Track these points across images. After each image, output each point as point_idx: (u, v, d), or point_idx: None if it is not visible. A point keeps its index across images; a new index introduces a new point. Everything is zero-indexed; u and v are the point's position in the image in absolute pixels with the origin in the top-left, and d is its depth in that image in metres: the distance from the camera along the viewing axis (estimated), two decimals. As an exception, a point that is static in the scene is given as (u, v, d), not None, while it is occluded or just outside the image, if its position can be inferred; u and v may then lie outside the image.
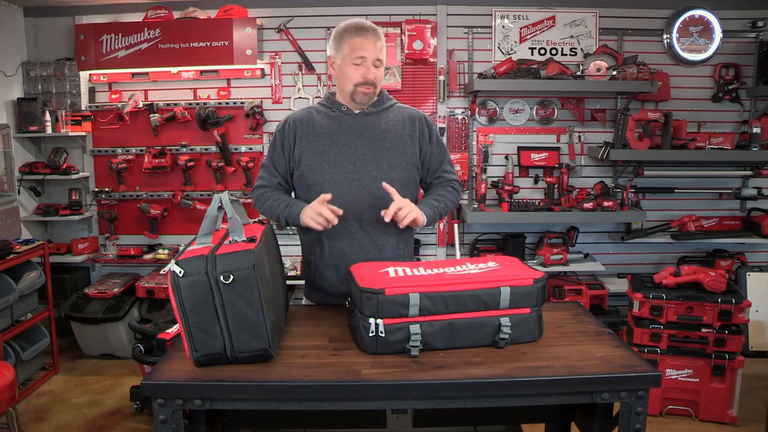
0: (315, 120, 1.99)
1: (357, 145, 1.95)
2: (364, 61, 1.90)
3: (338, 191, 1.91)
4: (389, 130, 1.98)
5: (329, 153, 1.94)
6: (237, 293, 1.41)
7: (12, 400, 2.39)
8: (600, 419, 1.61)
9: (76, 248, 4.09)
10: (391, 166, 1.95)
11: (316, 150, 1.95)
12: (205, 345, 1.43)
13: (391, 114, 2.01)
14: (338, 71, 1.96)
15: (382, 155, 1.95)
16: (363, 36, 1.91)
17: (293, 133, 1.99)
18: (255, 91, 4.10)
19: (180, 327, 1.43)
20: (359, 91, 1.92)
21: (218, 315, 1.42)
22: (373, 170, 1.93)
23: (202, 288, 1.40)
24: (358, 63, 1.90)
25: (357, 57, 1.90)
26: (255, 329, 1.44)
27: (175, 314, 1.42)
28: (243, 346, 1.45)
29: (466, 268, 1.68)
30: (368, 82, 1.91)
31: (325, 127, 1.97)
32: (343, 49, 1.93)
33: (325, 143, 1.95)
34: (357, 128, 1.97)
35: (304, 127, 1.98)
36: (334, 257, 1.97)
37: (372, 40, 1.91)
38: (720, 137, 3.87)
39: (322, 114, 2.00)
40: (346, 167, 1.93)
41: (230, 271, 1.40)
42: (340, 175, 1.93)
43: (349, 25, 1.96)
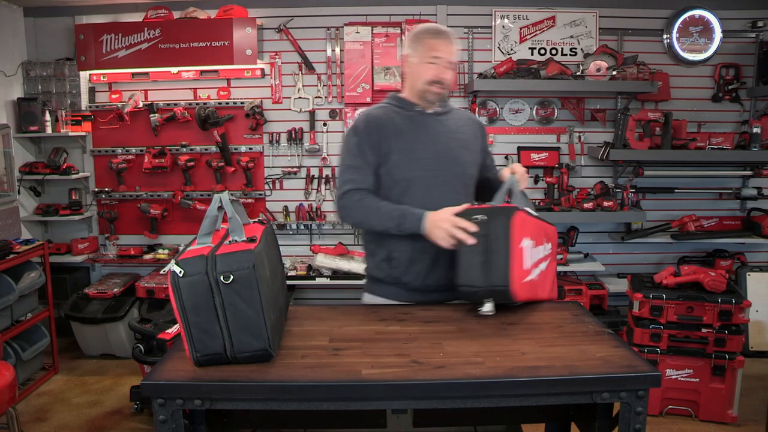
0: (393, 118, 2.01)
1: (438, 143, 2.01)
2: (438, 61, 1.95)
3: (425, 186, 1.97)
4: (460, 130, 2.07)
5: (416, 150, 1.98)
6: (237, 293, 1.41)
7: (12, 400, 2.39)
8: (600, 419, 1.61)
9: (76, 248, 4.09)
10: (468, 163, 2.06)
11: (403, 147, 1.98)
12: (205, 345, 1.43)
13: (455, 115, 2.11)
14: (412, 69, 2.02)
15: (460, 153, 2.05)
16: (440, 38, 1.97)
17: (376, 130, 1.99)
18: (255, 91, 4.10)
19: (180, 327, 1.43)
20: (431, 89, 1.98)
21: (218, 315, 1.42)
22: (454, 167, 2.02)
23: (202, 288, 1.40)
24: (433, 62, 1.96)
25: (432, 56, 1.96)
26: (255, 329, 1.44)
27: (175, 314, 1.42)
28: (243, 346, 1.45)
29: None
30: (440, 81, 1.97)
31: (405, 125, 2.00)
32: (419, 49, 1.99)
33: (409, 140, 1.99)
34: (435, 127, 2.03)
35: (386, 124, 2.00)
36: (417, 251, 1.98)
37: (447, 42, 1.98)
38: (720, 137, 3.87)
39: (399, 113, 2.02)
40: (431, 164, 1.99)
41: (230, 271, 1.40)
42: (428, 171, 1.98)
43: (428, 27, 2.03)
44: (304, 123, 4.10)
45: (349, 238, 4.18)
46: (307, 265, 4.04)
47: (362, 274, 3.85)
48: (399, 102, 2.05)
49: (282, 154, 4.14)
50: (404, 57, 2.05)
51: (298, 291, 4.22)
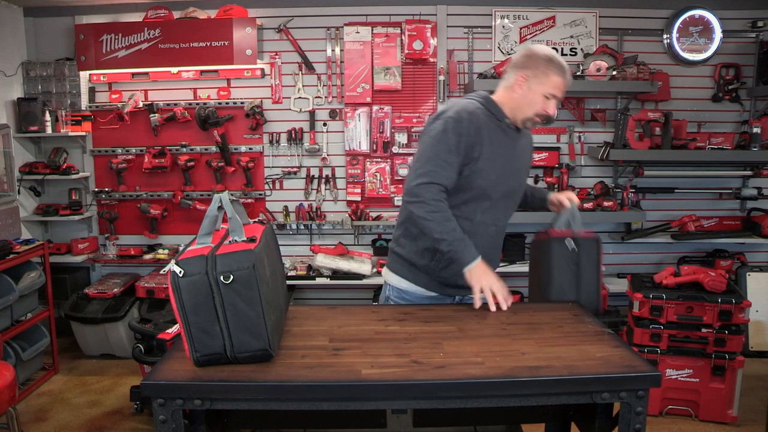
0: (489, 123, 1.99)
1: (514, 160, 2.05)
2: (555, 99, 1.98)
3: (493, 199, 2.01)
4: (526, 149, 2.15)
5: (497, 162, 1.99)
6: (237, 293, 1.41)
7: (12, 400, 2.39)
8: (600, 419, 1.61)
9: (76, 248, 4.09)
10: (523, 182, 2.17)
11: (490, 156, 1.97)
12: (205, 345, 1.43)
13: (524, 134, 2.13)
14: (525, 93, 1.98)
15: (522, 173, 2.15)
16: (565, 77, 1.98)
17: (476, 132, 1.95)
18: (255, 91, 4.10)
19: (180, 327, 1.43)
20: (534, 119, 2.01)
21: (218, 315, 1.42)
22: (517, 187, 2.12)
23: (202, 288, 1.40)
24: (549, 98, 1.97)
25: (552, 93, 1.97)
26: (255, 329, 1.44)
27: (175, 314, 1.42)
28: (243, 346, 1.45)
29: None
30: (547, 117, 2.00)
31: (496, 135, 1.99)
32: (543, 79, 1.95)
33: (495, 152, 1.98)
34: (516, 145, 2.06)
35: (484, 128, 1.97)
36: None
37: (568, 81, 2.00)
38: (720, 137, 3.87)
39: (491, 120, 2.00)
40: (505, 180, 2.03)
41: (230, 271, 1.40)
42: (501, 186, 2.02)
43: (558, 60, 1.98)
44: (304, 123, 4.10)
45: (349, 238, 4.18)
46: (307, 265, 4.04)
47: (362, 274, 3.89)
48: (493, 108, 2.01)
49: (282, 154, 4.14)
50: (520, 75, 1.97)
51: (298, 291, 4.22)
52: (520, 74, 1.97)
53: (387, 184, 4.11)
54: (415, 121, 4.05)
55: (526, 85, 1.97)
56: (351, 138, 4.07)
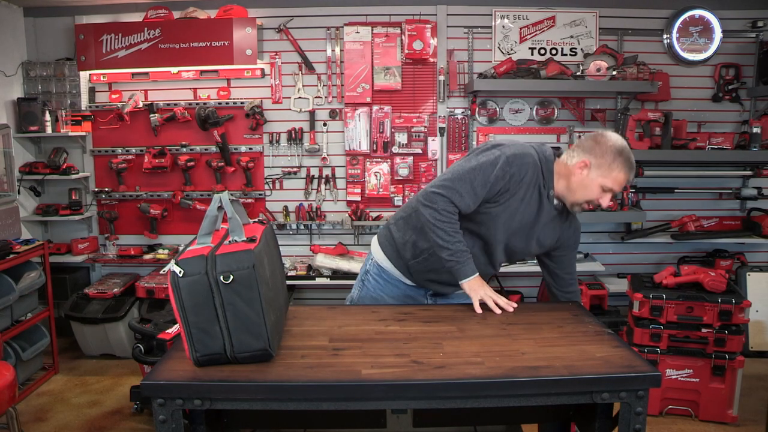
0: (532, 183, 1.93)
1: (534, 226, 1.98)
2: (612, 192, 1.91)
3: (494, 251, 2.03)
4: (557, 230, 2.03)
5: (515, 220, 1.96)
6: (237, 293, 1.41)
7: (12, 400, 2.39)
8: (600, 419, 1.61)
9: (76, 248, 4.09)
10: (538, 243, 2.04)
11: (514, 211, 1.94)
12: (205, 345, 1.43)
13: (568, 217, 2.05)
14: (585, 178, 1.90)
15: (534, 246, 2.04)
16: (630, 174, 1.89)
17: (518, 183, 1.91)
18: (255, 91, 4.10)
19: (180, 327, 1.43)
20: (583, 206, 1.94)
21: (218, 315, 1.42)
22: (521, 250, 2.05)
23: (202, 288, 1.40)
24: (606, 191, 1.90)
25: (611, 188, 1.89)
26: (255, 329, 1.44)
27: (175, 314, 1.42)
28: (243, 346, 1.45)
29: None
30: (597, 206, 1.93)
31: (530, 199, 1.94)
32: (606, 170, 1.87)
33: (519, 210, 1.94)
34: (546, 215, 1.98)
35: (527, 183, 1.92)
36: (445, 274, 2.01)
37: (629, 179, 1.91)
38: (720, 137, 3.87)
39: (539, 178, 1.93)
40: (514, 240, 2.00)
41: (230, 271, 1.40)
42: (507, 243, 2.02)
43: (625, 155, 1.88)
44: (304, 123, 4.09)
45: (349, 238, 4.18)
46: (307, 265, 4.04)
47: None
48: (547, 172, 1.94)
49: (282, 154, 4.14)
50: (584, 161, 1.90)
51: (298, 291, 4.22)
52: (584, 158, 1.90)
53: (387, 184, 4.11)
54: (415, 121, 4.05)
55: (587, 171, 1.89)
56: (351, 138, 4.07)
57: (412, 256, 2.08)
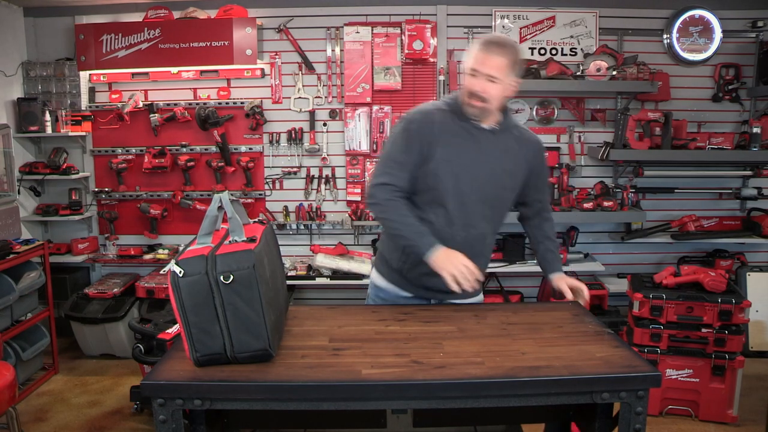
0: (446, 125, 1.96)
1: (481, 161, 1.96)
2: (476, 74, 1.89)
3: (456, 200, 1.95)
4: (510, 151, 2.00)
5: (456, 162, 1.94)
6: (237, 293, 1.41)
7: (12, 400, 2.39)
8: (600, 419, 1.61)
9: (76, 248, 4.09)
10: (505, 188, 2.01)
11: (445, 156, 1.94)
12: (205, 345, 1.44)
13: (512, 134, 2.03)
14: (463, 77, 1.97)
15: (501, 176, 1.99)
16: (483, 50, 1.90)
17: (429, 132, 1.95)
18: (255, 91, 4.10)
19: (180, 327, 1.44)
20: (468, 102, 1.93)
21: (218, 315, 1.42)
22: (491, 189, 1.98)
23: (202, 288, 1.40)
24: (471, 75, 1.91)
25: (471, 69, 1.91)
26: (255, 329, 1.44)
27: (175, 314, 1.42)
28: (243, 346, 1.45)
29: None
30: (476, 94, 1.90)
31: (455, 134, 1.95)
32: (467, 59, 1.93)
33: (453, 152, 1.94)
34: (484, 144, 1.97)
35: (440, 127, 1.96)
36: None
37: (490, 55, 1.88)
38: (720, 137, 3.87)
39: (453, 120, 1.97)
40: (467, 180, 1.95)
41: (230, 271, 1.40)
42: (462, 186, 1.95)
43: (485, 37, 1.95)
44: (304, 123, 4.09)
45: (349, 238, 4.18)
46: (307, 265, 4.04)
47: (362, 274, 3.88)
48: (457, 108, 1.98)
49: (282, 154, 4.14)
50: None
51: (298, 291, 4.22)
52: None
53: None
54: (415, 121, 4.04)
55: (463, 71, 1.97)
56: (351, 138, 4.07)
57: (399, 258, 2.05)
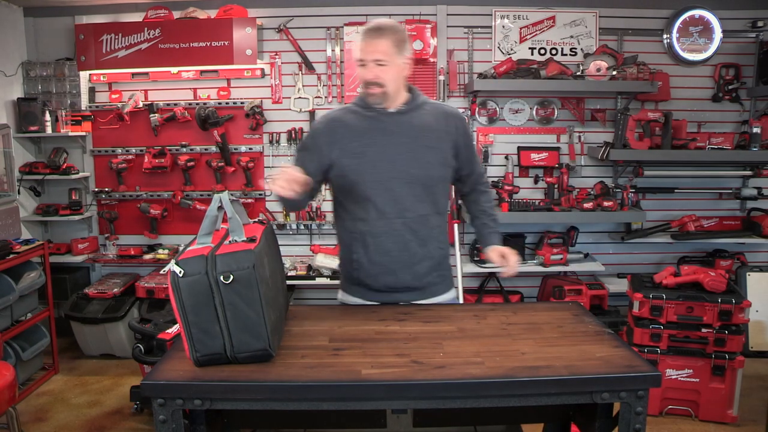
0: (351, 120, 1.99)
1: (396, 144, 1.96)
2: (364, 63, 1.91)
3: (381, 189, 1.94)
4: (426, 127, 1.99)
5: (369, 153, 1.95)
6: (237, 293, 1.41)
7: (12, 400, 2.39)
8: (600, 419, 1.61)
9: (76, 248, 4.09)
10: (430, 163, 1.98)
11: (356, 150, 1.95)
12: (205, 345, 1.44)
13: (425, 110, 2.02)
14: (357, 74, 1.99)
15: (421, 153, 1.97)
16: (363, 39, 1.93)
17: (328, 136, 1.98)
18: (255, 91, 4.10)
19: (180, 327, 1.44)
20: (366, 91, 1.94)
21: (218, 315, 1.42)
22: (413, 168, 1.95)
23: (202, 288, 1.40)
24: (361, 65, 1.93)
25: (358, 59, 1.93)
26: (255, 329, 1.44)
27: (175, 314, 1.42)
28: (243, 346, 1.45)
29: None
30: (369, 82, 1.92)
31: (362, 127, 1.97)
32: (354, 51, 1.99)
33: (364, 143, 1.96)
34: (394, 127, 1.97)
35: (341, 127, 1.98)
36: (379, 255, 1.98)
37: (371, 41, 1.90)
38: (720, 137, 3.87)
39: (358, 114, 2.00)
40: (386, 166, 1.94)
41: (230, 271, 1.40)
42: (381, 174, 1.94)
43: (364, 27, 1.97)
44: (304, 123, 4.09)
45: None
46: (307, 265, 4.04)
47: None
48: (361, 103, 2.01)
49: (282, 154, 4.14)
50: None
51: (298, 291, 4.22)
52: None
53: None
54: (415, 121, 4.04)
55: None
56: (351, 138, 4.06)
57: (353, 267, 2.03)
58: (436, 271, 2.02)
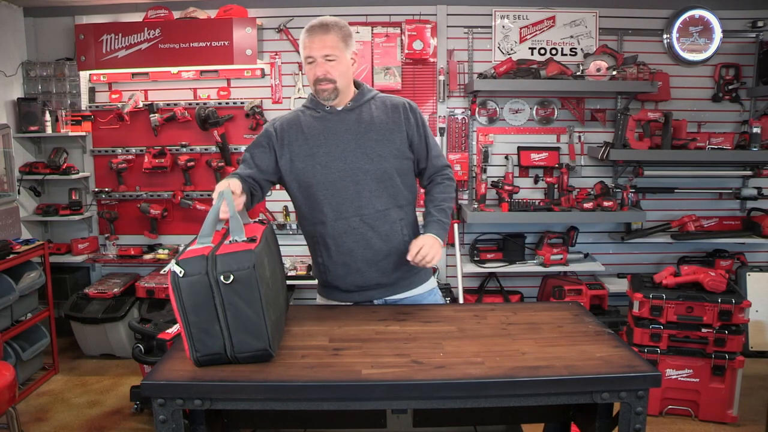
0: (302, 122, 1.99)
1: (345, 141, 1.95)
2: (313, 60, 1.90)
3: (334, 189, 1.94)
4: (374, 121, 1.97)
5: (319, 154, 1.95)
6: (237, 293, 1.41)
7: (12, 400, 2.39)
8: (600, 419, 1.61)
9: (76, 248, 4.09)
10: (382, 156, 1.95)
11: (307, 153, 1.95)
12: (205, 345, 1.43)
13: (374, 105, 2.01)
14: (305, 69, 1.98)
15: (371, 147, 1.94)
16: (309, 36, 1.91)
17: (281, 138, 1.99)
18: (255, 91, 4.10)
19: (180, 327, 1.44)
20: (318, 89, 1.93)
21: (218, 315, 1.42)
22: (364, 164, 1.94)
23: (203, 288, 1.40)
24: (310, 62, 1.91)
25: (306, 57, 1.92)
26: (255, 329, 1.44)
27: (175, 314, 1.42)
28: (243, 346, 1.45)
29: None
30: (320, 78, 1.90)
31: (312, 129, 1.97)
32: (300, 50, 1.96)
33: (313, 145, 1.95)
34: (342, 125, 1.96)
35: (292, 131, 1.98)
36: (341, 255, 1.97)
37: (318, 37, 1.89)
38: (720, 137, 3.87)
39: (308, 115, 2.00)
40: (337, 165, 1.93)
41: (230, 272, 1.40)
42: (333, 174, 1.94)
43: (306, 27, 1.95)
44: (304, 123, 4.09)
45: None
46: (307, 265, 4.04)
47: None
48: (312, 103, 2.01)
49: (282, 154, 4.14)
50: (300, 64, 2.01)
51: (298, 291, 4.22)
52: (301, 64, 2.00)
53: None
54: (415, 121, 4.04)
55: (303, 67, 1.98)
56: (351, 138, 4.07)
57: (315, 261, 2.04)
58: (405, 264, 1.96)
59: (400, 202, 1.99)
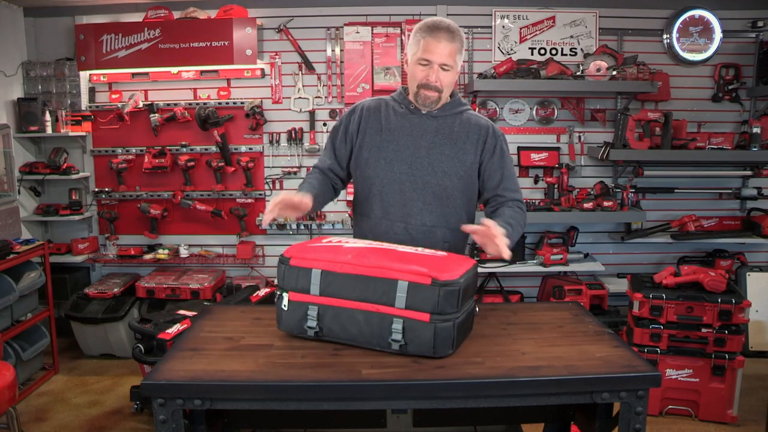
0: (382, 113, 1.95)
1: (416, 146, 1.89)
2: (429, 64, 1.83)
3: (389, 189, 1.90)
4: (452, 136, 1.91)
5: (388, 149, 1.91)
6: None
7: (12, 400, 2.39)
8: (600, 419, 1.61)
9: (76, 248, 4.09)
10: (446, 174, 1.89)
11: (376, 144, 1.92)
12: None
13: (458, 119, 1.95)
14: (408, 69, 1.91)
15: (439, 160, 1.89)
16: (434, 37, 1.82)
17: (359, 122, 1.95)
18: (255, 91, 4.10)
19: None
20: (421, 93, 1.87)
21: None
22: (427, 174, 1.88)
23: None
24: (423, 64, 1.84)
25: (423, 58, 1.83)
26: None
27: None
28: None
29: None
30: (430, 85, 1.85)
31: (390, 122, 1.92)
32: (414, 47, 1.86)
33: (386, 138, 1.91)
34: (420, 129, 1.91)
35: (371, 118, 1.95)
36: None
37: (443, 43, 1.81)
38: (720, 137, 3.87)
39: (391, 108, 1.95)
40: (401, 167, 1.89)
41: None
42: (394, 173, 1.90)
43: (426, 23, 1.86)
44: (304, 123, 4.09)
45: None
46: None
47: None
48: (399, 97, 1.97)
49: (282, 154, 4.14)
50: (404, 55, 1.99)
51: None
52: (404, 56, 1.96)
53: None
54: (415, 121, 4.04)
55: (407, 61, 1.91)
56: (351, 138, 4.06)
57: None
58: None
59: (452, 226, 1.90)
